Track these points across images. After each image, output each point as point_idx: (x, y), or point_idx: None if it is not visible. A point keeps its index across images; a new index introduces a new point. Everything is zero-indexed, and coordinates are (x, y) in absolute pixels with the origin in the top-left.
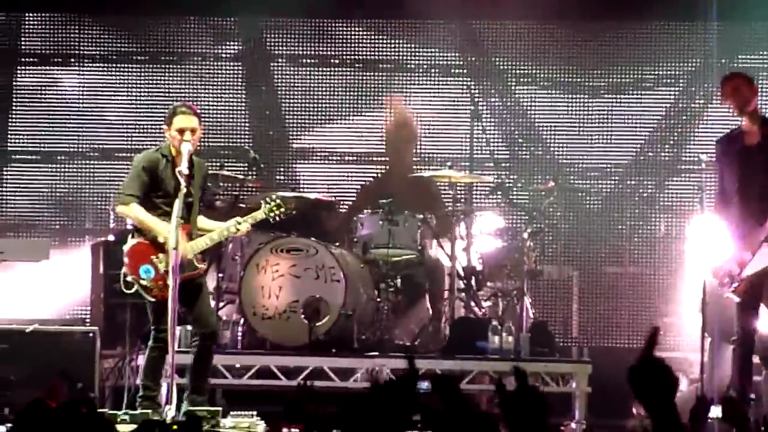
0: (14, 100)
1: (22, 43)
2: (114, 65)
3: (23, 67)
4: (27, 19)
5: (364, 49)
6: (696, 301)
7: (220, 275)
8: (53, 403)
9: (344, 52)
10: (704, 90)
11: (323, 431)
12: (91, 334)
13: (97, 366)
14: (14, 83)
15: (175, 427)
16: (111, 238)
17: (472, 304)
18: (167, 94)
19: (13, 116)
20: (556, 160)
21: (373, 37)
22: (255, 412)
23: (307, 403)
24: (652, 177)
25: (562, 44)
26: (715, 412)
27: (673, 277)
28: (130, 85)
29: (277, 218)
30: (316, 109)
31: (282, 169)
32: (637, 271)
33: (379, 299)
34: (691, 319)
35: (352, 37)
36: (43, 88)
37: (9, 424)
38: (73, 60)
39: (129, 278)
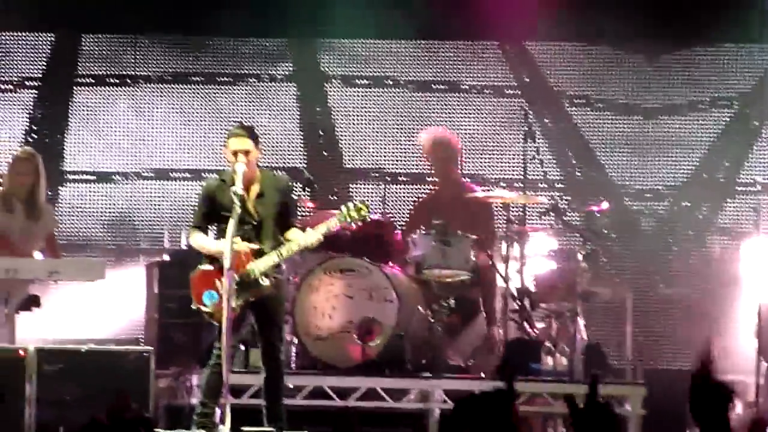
0: (70, 120)
1: (79, 64)
2: (169, 86)
3: (79, 88)
4: (84, 39)
5: (418, 70)
6: (751, 324)
7: None
8: (124, 415)
9: (398, 73)
10: (759, 112)
11: None
12: (145, 354)
13: (152, 386)
14: (70, 104)
15: None
16: (166, 258)
17: (526, 325)
18: (221, 115)
19: (70, 137)
20: (610, 181)
21: (427, 57)
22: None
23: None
24: (707, 199)
25: (616, 65)
26: None
27: (728, 299)
28: (184, 106)
29: (357, 223)
30: (369, 130)
31: (336, 190)
32: (691, 293)
33: (432, 320)
34: (747, 342)
35: (407, 58)
36: (99, 108)
37: None
38: (128, 80)
39: (193, 307)
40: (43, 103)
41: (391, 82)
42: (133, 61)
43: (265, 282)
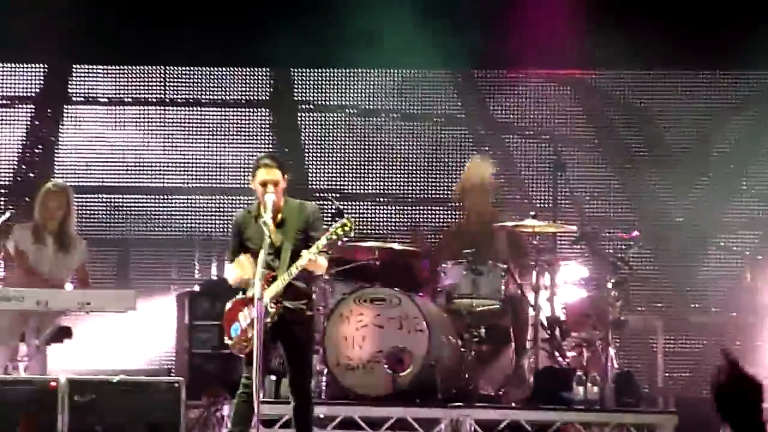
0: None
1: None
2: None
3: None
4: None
5: (447, 103)
6: None
7: None
8: None
9: (426, 107)
10: None
11: None
12: (176, 384)
13: (183, 416)
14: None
15: None
16: (196, 288)
17: (557, 354)
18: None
19: (76, 154)
20: (640, 209)
21: (454, 90)
22: None
23: None
24: (738, 226)
25: (643, 94)
26: None
27: (759, 326)
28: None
29: (344, 239)
30: (395, 157)
31: (366, 217)
32: (723, 321)
33: (463, 349)
34: None
35: (437, 92)
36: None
37: None
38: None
39: (225, 338)
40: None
41: (419, 114)
42: (121, 86)
43: (272, 309)
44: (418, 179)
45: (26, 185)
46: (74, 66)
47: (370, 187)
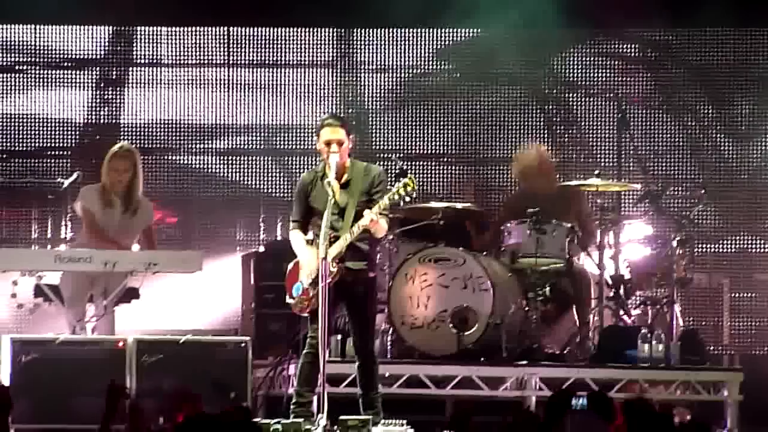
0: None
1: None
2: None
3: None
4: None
5: (510, 62)
6: None
7: None
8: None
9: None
10: None
11: None
12: (243, 344)
13: (250, 375)
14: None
15: None
16: (261, 249)
17: (621, 312)
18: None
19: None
20: (705, 166)
21: (516, 47)
22: (405, 421)
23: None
24: None
25: (709, 51)
26: None
27: None
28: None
29: (407, 198)
30: (460, 116)
31: (429, 177)
32: None
33: (527, 308)
34: None
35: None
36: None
37: None
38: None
39: (287, 298)
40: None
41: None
42: (185, 48)
43: (334, 269)
44: (482, 139)
45: (93, 147)
46: (139, 28)
47: (433, 148)
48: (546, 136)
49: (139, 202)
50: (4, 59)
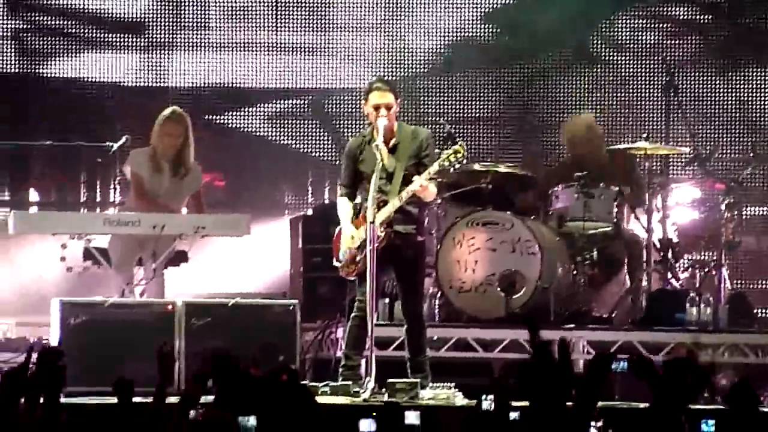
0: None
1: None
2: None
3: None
4: None
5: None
6: None
7: None
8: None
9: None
10: None
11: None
12: (291, 307)
13: (298, 338)
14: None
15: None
16: (309, 212)
17: (669, 275)
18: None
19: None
20: (755, 129)
21: (565, 10)
22: (453, 384)
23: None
24: None
25: (757, 13)
26: None
27: None
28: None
29: (456, 165)
30: (508, 80)
31: (478, 142)
32: None
33: (575, 272)
34: None
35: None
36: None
37: (212, 396)
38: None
39: (334, 261)
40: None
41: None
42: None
43: (382, 233)
44: (530, 103)
45: (141, 111)
46: None
47: (481, 112)
48: (594, 99)
49: (188, 167)
50: (53, 23)
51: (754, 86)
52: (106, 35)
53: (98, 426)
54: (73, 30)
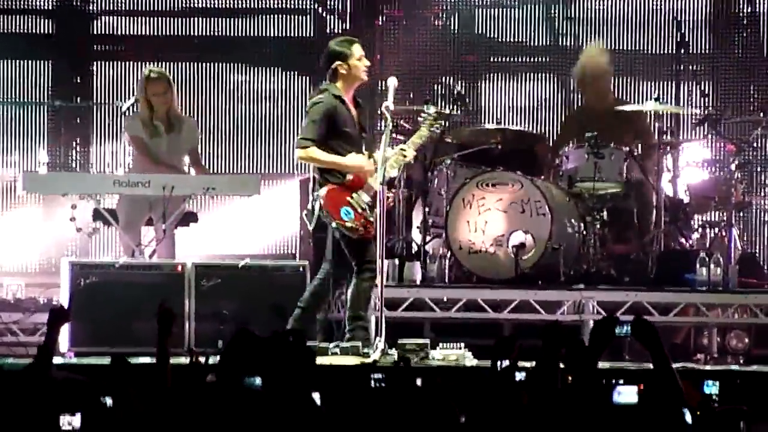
0: None
1: None
2: None
3: None
4: None
5: None
6: None
7: (427, 210)
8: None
9: None
10: None
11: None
12: (301, 269)
13: None
14: None
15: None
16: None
17: (679, 236)
18: None
19: None
20: (765, 90)
21: None
22: (463, 344)
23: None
24: None
25: None
26: None
27: None
28: None
29: (438, 131)
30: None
31: (483, 103)
32: None
33: (585, 232)
34: None
35: None
36: None
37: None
38: None
39: (334, 224)
40: None
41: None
42: None
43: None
44: (538, 57)
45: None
46: None
47: (489, 66)
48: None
49: (180, 120)
50: None
51: (765, 45)
52: None
53: (105, 386)
54: None
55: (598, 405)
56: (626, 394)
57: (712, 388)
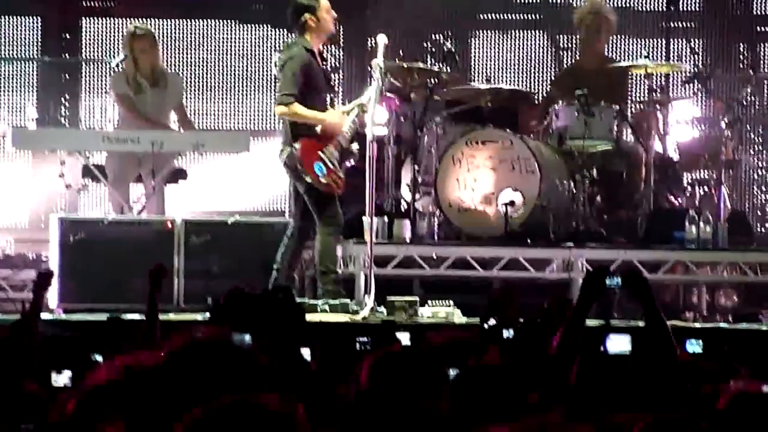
0: None
1: None
2: None
3: None
4: None
5: None
6: None
7: (416, 167)
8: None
9: None
10: None
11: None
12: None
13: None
14: None
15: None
16: None
17: (669, 194)
18: None
19: None
20: (754, 48)
21: None
22: (451, 302)
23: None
24: None
25: None
26: None
27: None
28: None
29: (381, 84)
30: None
31: (473, 60)
32: None
33: (574, 190)
34: None
35: None
36: None
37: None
38: None
39: (308, 179)
40: None
41: None
42: None
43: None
44: (529, 14)
45: None
46: None
47: (481, 22)
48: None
49: (165, 76)
50: None
51: (755, 3)
52: None
53: (94, 342)
54: None
55: (590, 355)
56: (618, 342)
57: (695, 346)
